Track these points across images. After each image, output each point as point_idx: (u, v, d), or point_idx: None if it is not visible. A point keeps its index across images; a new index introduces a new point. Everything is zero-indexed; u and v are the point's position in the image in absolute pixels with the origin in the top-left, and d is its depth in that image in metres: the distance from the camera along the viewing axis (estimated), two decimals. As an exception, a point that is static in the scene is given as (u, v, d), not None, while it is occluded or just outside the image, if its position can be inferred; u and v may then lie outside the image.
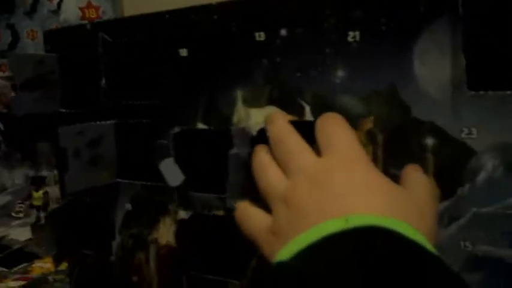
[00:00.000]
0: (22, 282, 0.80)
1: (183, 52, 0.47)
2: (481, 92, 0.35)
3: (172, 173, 0.46)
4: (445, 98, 0.36)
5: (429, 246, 0.28)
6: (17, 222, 1.16)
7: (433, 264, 0.26)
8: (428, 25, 0.36)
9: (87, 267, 0.57)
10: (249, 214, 0.37)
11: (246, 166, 0.42)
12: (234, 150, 0.43)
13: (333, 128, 0.34)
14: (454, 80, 0.36)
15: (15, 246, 0.98)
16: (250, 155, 0.43)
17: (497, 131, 0.35)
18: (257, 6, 0.43)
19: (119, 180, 0.53)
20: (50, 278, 0.80)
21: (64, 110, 0.56)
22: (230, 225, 0.39)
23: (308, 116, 0.42)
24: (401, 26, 0.37)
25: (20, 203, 1.22)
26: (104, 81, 0.51)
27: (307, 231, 0.28)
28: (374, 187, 0.31)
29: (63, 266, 0.61)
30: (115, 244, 0.54)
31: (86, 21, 1.12)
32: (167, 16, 0.48)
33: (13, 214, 1.20)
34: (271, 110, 0.43)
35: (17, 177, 1.31)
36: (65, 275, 0.71)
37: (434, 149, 0.37)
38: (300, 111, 0.42)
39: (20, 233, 1.06)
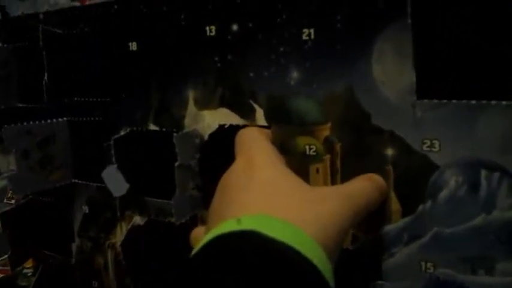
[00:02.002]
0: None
1: (133, 46, 0.43)
2: (444, 101, 0.31)
3: (115, 181, 0.42)
4: (405, 105, 0.32)
5: (315, 252, 0.26)
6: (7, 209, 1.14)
7: (298, 273, 0.24)
8: (388, 24, 0.32)
9: (50, 267, 0.55)
10: (196, 233, 0.35)
11: (194, 176, 0.39)
12: (178, 162, 0.40)
13: (246, 137, 0.34)
14: (415, 86, 0.32)
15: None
16: (199, 161, 0.40)
17: (461, 145, 0.31)
18: (207, -2, 0.39)
19: (74, 180, 0.50)
20: (28, 271, 0.78)
21: (21, 105, 0.53)
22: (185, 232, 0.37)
23: (260, 120, 0.38)
24: (358, 25, 0.33)
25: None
26: (46, 77, 0.47)
27: (209, 232, 0.28)
28: (273, 188, 0.29)
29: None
30: (75, 246, 0.52)
31: (78, 3, 1.07)
32: (115, 7, 0.44)
33: (5, 201, 1.17)
34: (224, 112, 0.40)
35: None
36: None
37: (394, 160, 0.33)
38: (253, 115, 0.38)
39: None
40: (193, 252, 0.27)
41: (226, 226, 0.26)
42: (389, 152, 0.34)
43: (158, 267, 0.46)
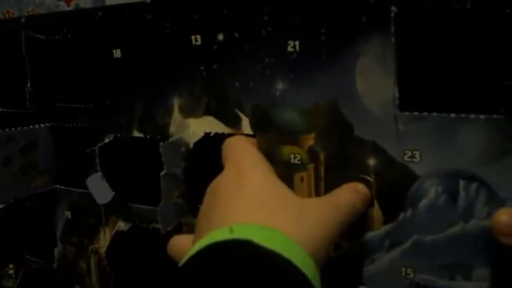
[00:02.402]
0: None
1: (117, 53, 0.43)
2: (425, 114, 0.32)
3: (100, 189, 0.43)
4: (388, 117, 0.33)
5: (305, 262, 0.26)
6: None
7: (290, 282, 0.25)
8: (371, 38, 0.33)
9: (31, 272, 0.55)
10: (176, 241, 0.35)
11: (179, 184, 0.39)
12: (164, 171, 0.40)
13: (234, 146, 0.34)
14: (397, 99, 0.33)
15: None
16: (184, 170, 0.40)
17: (440, 156, 0.32)
18: (193, 8, 0.39)
19: (56, 186, 0.50)
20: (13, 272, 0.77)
21: (2, 110, 0.52)
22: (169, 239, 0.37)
23: (246, 129, 0.39)
24: (342, 38, 0.34)
25: None
26: (29, 83, 0.47)
27: (198, 242, 0.28)
28: (261, 195, 0.30)
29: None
30: (57, 252, 0.52)
31: (63, 3, 1.05)
32: (99, 14, 0.44)
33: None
34: (209, 120, 0.40)
35: None
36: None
37: (376, 170, 0.34)
38: (238, 123, 0.39)
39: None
40: (184, 260, 0.27)
41: (219, 234, 0.27)
42: (372, 162, 0.35)
43: (143, 273, 0.46)
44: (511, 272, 0.31)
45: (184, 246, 0.34)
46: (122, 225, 0.46)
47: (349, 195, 0.33)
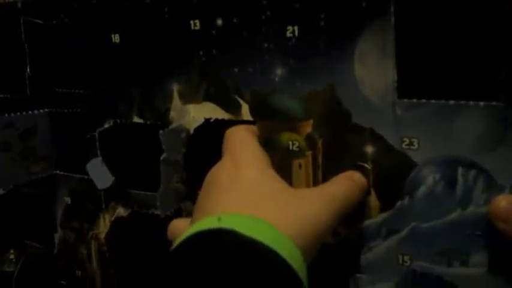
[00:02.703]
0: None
1: (116, 38, 0.43)
2: (423, 101, 0.32)
3: (100, 174, 0.43)
4: (386, 105, 0.33)
5: (291, 252, 0.26)
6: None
7: (272, 272, 0.25)
8: (370, 24, 0.33)
9: (31, 257, 0.55)
10: (176, 224, 0.35)
11: (179, 169, 0.39)
12: (164, 155, 0.40)
13: (233, 135, 0.34)
14: (395, 85, 0.32)
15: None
16: (184, 156, 0.41)
17: (439, 144, 0.32)
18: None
19: (56, 172, 0.50)
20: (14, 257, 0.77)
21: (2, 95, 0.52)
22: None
23: (246, 115, 0.39)
24: (341, 23, 0.34)
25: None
26: (28, 69, 0.47)
27: (190, 228, 0.28)
28: (254, 187, 0.30)
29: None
30: (57, 237, 0.52)
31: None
32: (97, -3, 0.44)
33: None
34: (209, 106, 0.40)
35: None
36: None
37: (373, 158, 0.34)
38: (238, 110, 0.39)
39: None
40: (173, 246, 0.27)
41: (206, 223, 0.27)
42: (369, 149, 0.34)
43: (142, 259, 0.46)
44: (508, 258, 0.31)
45: (183, 230, 0.34)
46: (121, 211, 0.46)
47: (345, 184, 0.33)
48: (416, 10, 0.31)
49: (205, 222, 0.27)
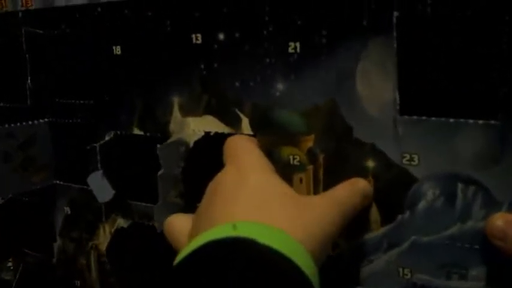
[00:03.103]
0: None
1: (117, 50, 0.43)
2: (424, 118, 0.32)
3: (101, 187, 0.43)
4: (387, 121, 0.34)
5: (304, 260, 0.27)
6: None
7: (290, 281, 0.25)
8: (372, 41, 0.33)
9: (30, 266, 0.55)
10: (174, 221, 0.35)
11: (177, 183, 0.40)
12: (161, 171, 0.40)
13: (235, 144, 0.34)
14: (397, 102, 0.33)
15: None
16: (183, 170, 0.41)
17: (439, 160, 0.32)
18: (194, 6, 0.39)
19: (56, 182, 0.50)
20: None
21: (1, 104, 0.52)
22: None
23: (246, 129, 0.39)
24: (342, 40, 0.34)
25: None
26: (29, 79, 0.47)
27: (197, 236, 0.28)
28: (262, 193, 0.30)
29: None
30: (56, 247, 0.52)
31: None
32: (99, 9, 0.44)
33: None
34: (209, 119, 0.40)
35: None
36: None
37: (374, 173, 0.35)
38: (238, 123, 0.39)
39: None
40: (183, 255, 0.27)
41: (221, 231, 0.27)
42: (371, 164, 0.35)
43: (143, 270, 0.46)
44: (506, 272, 0.32)
45: (181, 228, 0.34)
46: (121, 222, 0.46)
47: (350, 190, 0.33)
48: (418, 29, 0.31)
49: (219, 231, 0.27)
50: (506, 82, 0.30)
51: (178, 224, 0.34)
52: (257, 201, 0.30)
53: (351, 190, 0.34)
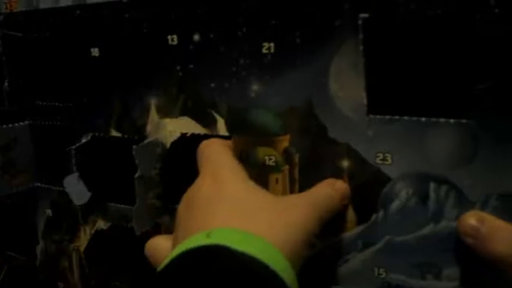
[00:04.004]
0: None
1: (95, 52, 0.43)
2: (396, 117, 0.32)
3: (76, 190, 0.43)
4: (360, 120, 0.34)
5: (281, 265, 0.26)
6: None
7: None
8: (344, 41, 0.33)
9: (13, 268, 0.55)
10: (155, 243, 0.35)
11: (155, 185, 0.40)
12: (138, 174, 0.40)
13: (209, 149, 0.34)
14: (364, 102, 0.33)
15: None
16: (160, 171, 0.41)
17: (412, 159, 0.32)
18: (170, 7, 0.39)
19: (37, 184, 0.50)
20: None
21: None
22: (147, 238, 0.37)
23: (222, 130, 0.39)
24: (316, 40, 0.34)
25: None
26: (6, 83, 0.47)
27: (177, 247, 0.28)
28: (239, 200, 0.30)
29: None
30: (39, 249, 0.52)
31: None
32: (78, 12, 0.44)
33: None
34: (186, 120, 0.40)
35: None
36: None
37: (349, 172, 0.35)
38: (214, 124, 0.39)
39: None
40: (161, 267, 0.27)
41: (195, 240, 0.27)
42: (345, 164, 0.35)
43: (122, 272, 0.46)
44: (479, 271, 0.32)
45: (161, 248, 0.34)
46: (101, 224, 0.46)
47: (327, 190, 0.33)
48: (386, 30, 0.31)
49: (193, 240, 0.27)
50: (478, 80, 0.30)
51: (160, 244, 0.34)
52: (234, 209, 0.30)
53: (328, 190, 0.34)
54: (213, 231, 0.27)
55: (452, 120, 0.31)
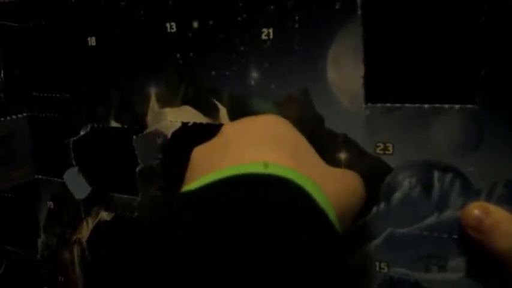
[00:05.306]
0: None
1: (92, 41, 0.43)
2: (397, 105, 0.31)
3: (77, 184, 0.42)
4: (358, 109, 0.32)
5: (332, 215, 0.25)
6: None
7: (319, 227, 0.24)
8: (343, 26, 0.32)
9: (14, 263, 0.55)
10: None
11: (157, 176, 0.39)
12: (139, 165, 0.39)
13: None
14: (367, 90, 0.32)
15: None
16: (162, 161, 0.40)
17: (414, 148, 0.31)
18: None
19: (38, 176, 0.49)
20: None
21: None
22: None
23: (224, 119, 0.38)
24: (315, 26, 0.33)
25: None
26: (2, 74, 0.46)
27: (221, 170, 0.25)
28: (285, 140, 0.29)
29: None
30: (40, 242, 0.52)
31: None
32: (73, 0, 0.43)
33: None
34: (187, 110, 0.39)
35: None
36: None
37: (348, 163, 0.34)
38: (216, 113, 0.38)
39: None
40: (203, 181, 0.25)
41: (250, 167, 0.25)
42: (343, 155, 0.34)
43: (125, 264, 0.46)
44: (486, 262, 0.30)
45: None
46: (104, 215, 0.45)
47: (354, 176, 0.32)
48: (387, 11, 0.30)
49: (246, 167, 0.25)
50: (483, 63, 0.28)
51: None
52: (291, 154, 0.28)
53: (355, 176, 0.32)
54: (270, 164, 0.25)
55: (457, 106, 0.30)
